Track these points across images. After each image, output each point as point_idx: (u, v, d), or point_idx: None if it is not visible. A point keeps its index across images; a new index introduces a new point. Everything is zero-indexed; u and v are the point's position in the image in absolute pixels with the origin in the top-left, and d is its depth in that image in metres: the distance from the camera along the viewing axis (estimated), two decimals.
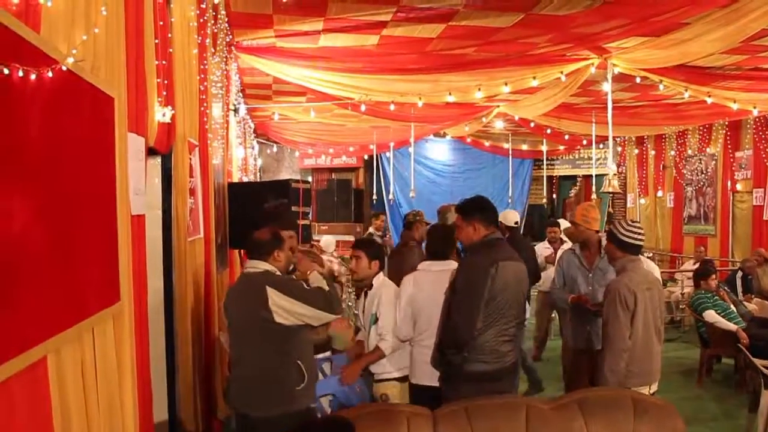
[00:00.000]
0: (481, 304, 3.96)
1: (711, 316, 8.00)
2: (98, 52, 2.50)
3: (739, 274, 10.59)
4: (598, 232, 5.56)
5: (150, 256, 3.80)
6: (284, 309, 3.71)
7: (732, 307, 8.34)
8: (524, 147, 18.43)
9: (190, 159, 4.67)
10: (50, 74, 1.95)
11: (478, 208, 4.30)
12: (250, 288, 3.83)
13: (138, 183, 3.12)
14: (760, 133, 13.20)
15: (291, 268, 4.27)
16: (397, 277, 4.92)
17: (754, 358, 6.29)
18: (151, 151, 3.78)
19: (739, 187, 14.16)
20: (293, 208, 6.43)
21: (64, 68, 2.05)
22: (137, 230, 3.07)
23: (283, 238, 4.10)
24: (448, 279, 4.28)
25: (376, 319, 4.55)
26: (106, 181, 2.59)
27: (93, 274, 2.39)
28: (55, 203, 2.04)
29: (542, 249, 9.30)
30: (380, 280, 4.74)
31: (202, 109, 5.28)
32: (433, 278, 4.51)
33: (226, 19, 7.20)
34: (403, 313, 4.52)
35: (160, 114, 3.69)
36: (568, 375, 5.87)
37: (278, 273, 3.93)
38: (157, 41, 3.62)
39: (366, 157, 18.72)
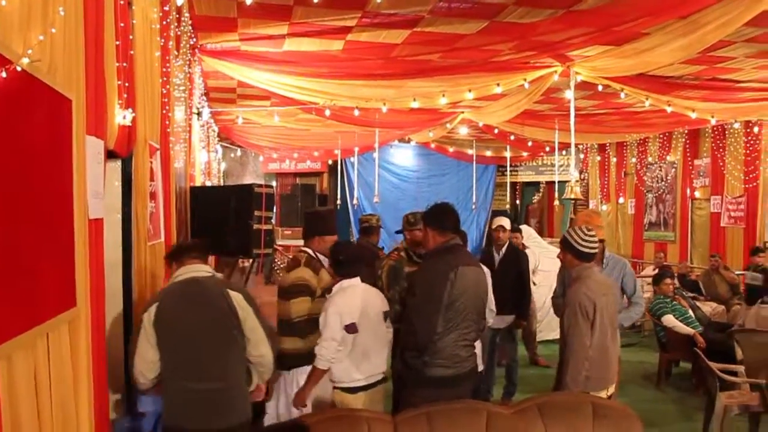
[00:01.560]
0: (440, 308, 3.99)
1: (669, 320, 8.14)
2: (56, 53, 2.45)
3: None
4: (602, 240, 5.48)
5: (109, 261, 3.74)
6: (246, 314, 3.57)
7: (690, 311, 8.49)
8: (488, 153, 18.60)
9: (151, 162, 4.60)
10: (4, 75, 1.91)
11: (431, 216, 4.37)
12: (211, 293, 3.59)
13: (96, 186, 3.06)
14: (718, 142, 13.49)
15: None
16: None
17: (710, 362, 6.41)
18: (111, 154, 3.72)
19: (697, 194, 14.45)
20: (255, 213, 6.40)
21: (18, 69, 2.01)
22: (95, 234, 3.01)
23: None
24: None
25: None
26: (62, 185, 2.54)
27: (47, 279, 2.35)
28: (6, 206, 2.00)
29: None
30: (340, 286, 4.52)
31: (164, 112, 5.21)
32: None
33: (190, 22, 7.14)
34: None
35: (121, 117, 3.63)
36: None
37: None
38: (118, 43, 3.57)
39: (330, 162, 18.70)
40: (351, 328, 4.34)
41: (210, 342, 3.55)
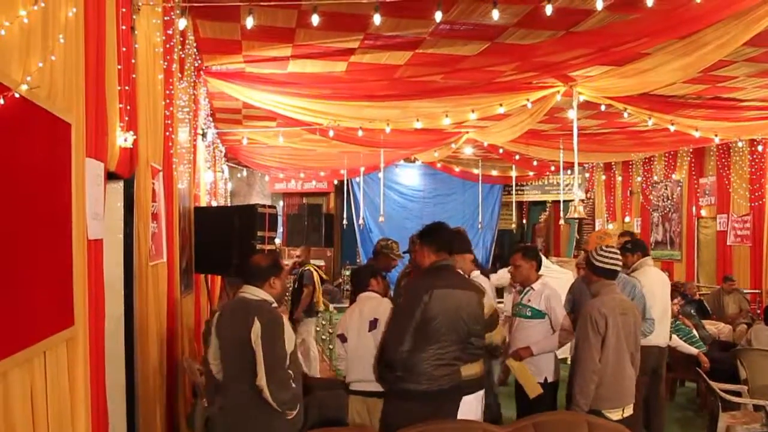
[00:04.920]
0: (409, 327, 4.01)
1: (673, 340, 8.09)
2: (55, 78, 2.52)
3: None
4: None
5: (111, 281, 3.81)
6: (257, 347, 3.66)
7: (694, 331, 8.46)
8: (494, 172, 18.60)
9: (153, 183, 4.67)
10: (1, 101, 1.98)
11: (428, 235, 4.41)
12: (242, 316, 3.76)
13: (96, 208, 3.12)
14: (723, 160, 13.48)
15: None
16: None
17: (713, 382, 6.39)
18: (114, 176, 3.79)
19: (703, 212, 14.41)
20: (258, 233, 6.45)
21: (17, 95, 2.08)
22: (94, 255, 3.07)
23: (282, 266, 4.06)
24: None
25: None
26: (61, 206, 2.60)
27: (45, 298, 2.40)
28: (3, 227, 2.05)
29: (504, 274, 9.18)
30: None
31: (167, 133, 5.29)
32: None
33: (195, 45, 7.24)
34: None
35: (122, 139, 3.70)
36: None
37: (274, 303, 3.90)
38: (119, 67, 3.65)
39: (336, 182, 18.76)
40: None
41: (232, 361, 3.79)
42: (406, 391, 4.05)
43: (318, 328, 11.86)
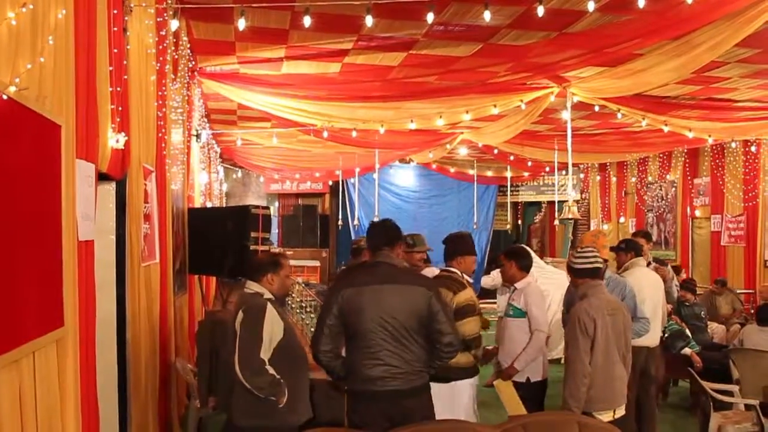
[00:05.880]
0: (323, 325, 3.94)
1: (685, 350, 8.09)
2: (45, 80, 2.52)
3: None
4: (605, 261, 5.54)
5: (103, 282, 3.81)
6: (238, 336, 3.87)
7: (687, 330, 8.47)
8: (489, 173, 18.62)
9: (146, 184, 4.67)
10: None
11: (368, 233, 4.33)
12: (237, 306, 4.07)
13: (87, 209, 3.12)
14: (717, 161, 13.51)
15: None
16: None
17: (706, 382, 6.40)
18: (105, 177, 3.79)
19: (697, 213, 14.44)
20: (252, 234, 6.45)
21: (5, 97, 2.08)
22: (85, 256, 3.07)
23: (280, 264, 4.16)
24: None
25: None
26: (50, 208, 2.60)
27: (34, 299, 2.40)
28: None
29: (496, 275, 8.99)
30: None
31: (160, 134, 5.29)
32: None
33: (189, 45, 7.24)
34: None
35: (114, 140, 3.70)
36: None
37: (268, 295, 4.02)
38: (111, 68, 3.65)
39: (332, 182, 18.76)
40: None
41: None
42: (357, 391, 3.97)
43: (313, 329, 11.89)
